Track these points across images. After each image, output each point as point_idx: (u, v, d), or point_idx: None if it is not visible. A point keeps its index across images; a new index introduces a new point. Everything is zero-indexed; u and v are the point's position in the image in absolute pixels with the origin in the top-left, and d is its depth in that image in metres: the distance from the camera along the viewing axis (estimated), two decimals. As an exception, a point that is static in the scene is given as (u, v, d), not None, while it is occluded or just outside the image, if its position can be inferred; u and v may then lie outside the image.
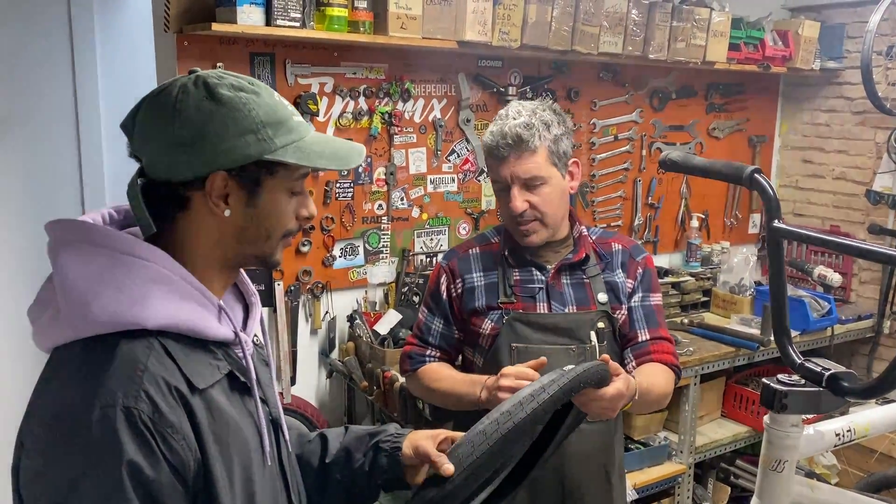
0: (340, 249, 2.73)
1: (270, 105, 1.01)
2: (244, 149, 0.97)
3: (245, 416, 1.04)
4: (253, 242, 1.05)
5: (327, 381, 2.79)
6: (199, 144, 0.96)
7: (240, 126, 0.97)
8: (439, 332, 1.87)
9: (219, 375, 1.01)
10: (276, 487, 1.11)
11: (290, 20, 2.27)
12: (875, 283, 3.58)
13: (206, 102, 0.97)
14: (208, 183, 0.98)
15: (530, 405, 1.17)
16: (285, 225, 1.06)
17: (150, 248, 0.97)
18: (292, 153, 1.00)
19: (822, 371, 1.17)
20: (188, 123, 0.96)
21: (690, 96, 3.55)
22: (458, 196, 2.96)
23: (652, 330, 1.82)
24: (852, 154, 3.67)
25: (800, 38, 3.48)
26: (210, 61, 2.35)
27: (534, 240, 1.76)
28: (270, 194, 1.02)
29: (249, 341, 1.08)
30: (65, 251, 0.96)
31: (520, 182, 1.71)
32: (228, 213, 1.00)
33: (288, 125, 1.01)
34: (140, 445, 0.88)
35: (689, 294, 3.29)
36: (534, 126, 1.69)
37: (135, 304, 0.93)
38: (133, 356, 0.92)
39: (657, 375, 1.76)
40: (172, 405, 0.92)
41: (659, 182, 3.52)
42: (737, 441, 3.07)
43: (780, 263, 1.22)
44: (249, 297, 1.16)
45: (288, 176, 1.03)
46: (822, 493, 1.39)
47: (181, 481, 0.92)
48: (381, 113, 2.71)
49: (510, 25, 2.66)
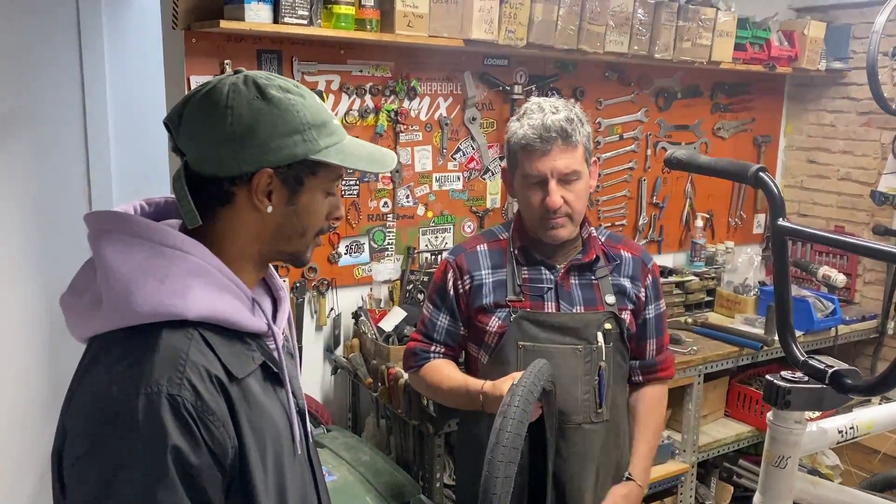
0: (346, 247, 2.75)
1: (315, 108, 1.05)
2: (292, 148, 1.01)
3: (276, 406, 1.08)
4: (288, 239, 1.09)
5: (332, 377, 2.80)
6: (249, 141, 1.00)
7: (288, 126, 1.01)
8: (445, 328, 1.87)
9: (254, 366, 1.04)
10: (304, 477, 1.14)
11: (297, 18, 2.28)
12: (879, 284, 3.58)
13: (258, 101, 1.00)
14: (255, 179, 1.02)
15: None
16: (319, 224, 1.11)
17: (190, 240, 1.00)
18: (335, 154, 1.05)
19: (826, 368, 1.18)
20: (239, 120, 1.00)
21: (696, 96, 3.55)
22: (464, 194, 2.97)
23: (658, 339, 1.90)
24: (857, 155, 3.66)
25: (805, 39, 3.48)
26: (218, 59, 2.36)
27: (561, 234, 1.75)
28: (310, 193, 1.07)
29: (280, 333, 1.12)
30: (107, 241, 0.98)
31: (559, 176, 1.70)
32: (270, 210, 1.04)
33: (329, 128, 1.06)
34: (183, 432, 0.91)
35: (693, 293, 3.30)
36: (574, 121, 1.70)
37: (176, 295, 0.96)
38: (175, 346, 0.95)
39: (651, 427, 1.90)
40: (213, 393, 0.95)
41: (664, 181, 3.53)
42: (740, 441, 3.08)
43: (784, 261, 1.23)
44: (277, 290, 1.20)
45: (327, 176, 1.08)
46: (825, 490, 1.40)
47: (220, 468, 0.95)
48: (387, 111, 2.72)
49: (516, 24, 2.67)
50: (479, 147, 2.96)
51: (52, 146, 2.83)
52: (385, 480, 2.19)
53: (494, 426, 1.40)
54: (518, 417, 1.38)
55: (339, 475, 2.19)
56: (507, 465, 1.34)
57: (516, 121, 1.75)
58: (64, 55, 2.83)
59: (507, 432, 1.36)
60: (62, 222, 2.85)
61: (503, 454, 1.35)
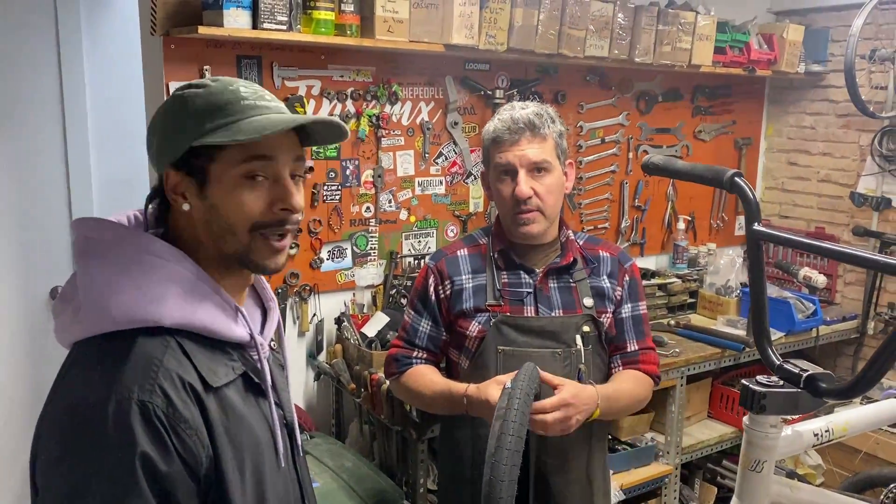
0: (328, 252, 2.74)
1: (215, 94, 1.02)
2: (181, 140, 1.01)
3: (258, 418, 1.07)
4: (220, 238, 1.03)
5: (315, 383, 2.79)
6: (153, 146, 1.05)
7: (178, 119, 1.02)
8: (426, 333, 1.87)
9: (233, 375, 1.03)
10: (288, 490, 1.13)
11: (276, 23, 2.27)
12: (860, 285, 3.61)
13: (166, 104, 1.04)
14: (164, 180, 1.04)
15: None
16: (248, 215, 1.02)
17: (169, 248, 1.00)
18: (221, 133, 0.98)
19: (800, 372, 1.19)
20: (151, 129, 1.05)
21: (677, 99, 3.57)
22: (446, 198, 2.97)
23: (640, 341, 1.87)
24: (837, 156, 3.70)
25: (785, 42, 3.51)
26: (197, 64, 2.35)
27: (532, 229, 1.76)
28: (219, 182, 1.02)
29: (265, 344, 1.11)
30: (88, 248, 1.00)
31: (528, 166, 1.73)
32: (187, 207, 1.03)
33: (227, 109, 1.00)
34: (153, 438, 0.90)
35: (675, 295, 3.31)
36: (544, 116, 1.76)
37: (153, 302, 0.95)
38: (149, 352, 0.94)
39: (626, 381, 1.81)
40: (186, 401, 0.94)
41: (646, 184, 3.54)
42: (723, 441, 3.10)
43: (760, 265, 1.24)
44: (268, 302, 1.20)
45: (232, 159, 1.00)
46: (802, 493, 1.41)
47: (193, 476, 0.94)
48: (368, 116, 2.72)
49: (497, 29, 2.68)
50: (462, 151, 2.97)
51: (32, 152, 2.81)
52: (368, 486, 2.18)
53: (493, 430, 1.40)
54: (519, 420, 1.39)
55: (322, 482, 2.18)
56: (511, 468, 1.35)
57: (490, 121, 1.81)
58: (42, 60, 2.80)
59: (509, 436, 1.37)
60: (42, 229, 2.82)
61: (507, 458, 1.35)
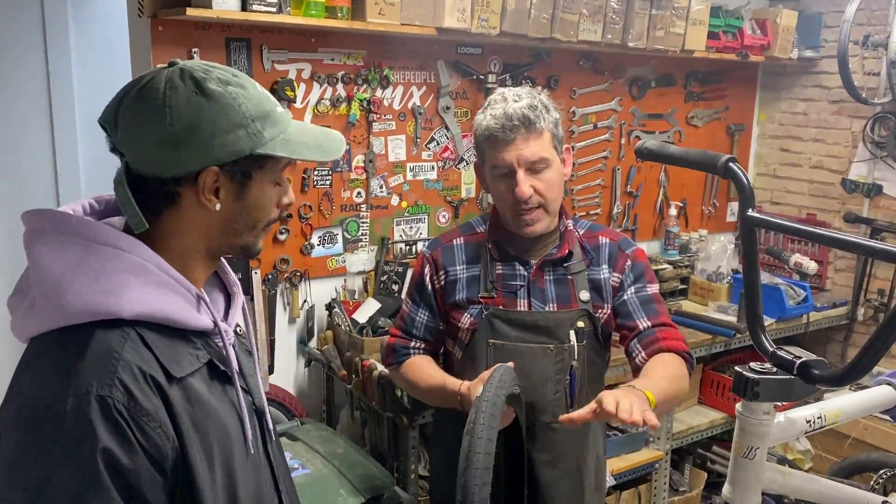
0: (319, 237, 2.72)
1: (257, 98, 1.01)
2: (236, 144, 0.98)
3: (226, 405, 1.05)
4: (238, 234, 1.06)
5: (306, 369, 2.78)
6: (191, 141, 0.96)
7: (231, 121, 0.97)
8: (424, 323, 1.83)
9: (198, 364, 1.01)
10: (260, 476, 1.11)
11: (266, 5, 2.24)
12: (850, 271, 3.62)
13: (196, 98, 0.96)
14: (201, 178, 0.99)
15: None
16: (269, 215, 1.08)
17: (126, 237, 0.97)
18: (281, 146, 1.02)
19: (794, 359, 1.18)
20: (179, 120, 0.95)
21: (669, 85, 3.55)
22: (438, 184, 2.96)
23: (652, 318, 1.74)
24: (829, 143, 3.70)
25: (778, 27, 3.50)
26: (185, 47, 2.32)
27: (536, 228, 1.70)
28: (259, 186, 1.04)
29: (230, 330, 1.09)
30: (39, 241, 0.95)
31: (526, 165, 1.65)
32: (219, 207, 1.01)
33: (273, 117, 1.02)
34: (114, 434, 0.88)
35: (667, 282, 3.31)
36: (538, 108, 1.65)
37: (110, 293, 0.93)
38: (108, 345, 0.92)
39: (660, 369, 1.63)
40: (148, 394, 0.92)
41: (638, 170, 3.53)
42: (713, 427, 3.11)
43: (753, 251, 1.22)
44: (231, 286, 1.17)
45: (274, 167, 1.05)
46: (794, 479, 1.41)
47: (159, 470, 0.92)
48: (359, 100, 2.69)
49: (489, 12, 2.65)
50: (454, 136, 2.95)
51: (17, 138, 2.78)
52: (359, 473, 2.17)
53: (463, 447, 1.35)
54: (486, 435, 1.33)
55: (313, 468, 2.17)
56: (481, 487, 1.30)
57: (481, 113, 1.72)
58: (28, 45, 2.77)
59: (476, 453, 1.32)
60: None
61: (476, 476, 1.30)
